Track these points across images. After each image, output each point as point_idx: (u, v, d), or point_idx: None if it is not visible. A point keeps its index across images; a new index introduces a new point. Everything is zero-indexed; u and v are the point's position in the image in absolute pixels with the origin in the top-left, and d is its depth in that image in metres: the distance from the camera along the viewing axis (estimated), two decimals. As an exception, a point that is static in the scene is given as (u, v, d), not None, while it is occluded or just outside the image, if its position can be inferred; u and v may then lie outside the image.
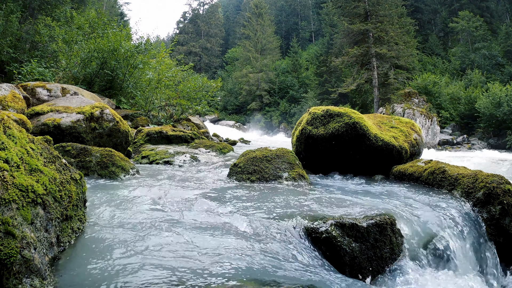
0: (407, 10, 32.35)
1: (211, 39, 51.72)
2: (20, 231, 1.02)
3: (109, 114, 3.69)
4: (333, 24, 34.45)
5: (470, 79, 27.20)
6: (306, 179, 2.81)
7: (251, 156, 2.94)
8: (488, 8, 37.11)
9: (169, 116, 7.93)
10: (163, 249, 1.35)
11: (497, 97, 20.22)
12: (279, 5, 56.10)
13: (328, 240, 1.56)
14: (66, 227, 1.36)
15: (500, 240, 2.04)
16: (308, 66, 39.17)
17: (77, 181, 1.54)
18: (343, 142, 3.21)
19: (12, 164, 1.14)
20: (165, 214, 1.79)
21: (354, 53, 24.40)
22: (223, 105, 39.24)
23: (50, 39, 10.89)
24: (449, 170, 2.57)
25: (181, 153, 4.13)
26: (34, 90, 4.80)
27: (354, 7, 24.99)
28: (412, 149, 3.58)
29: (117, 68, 8.17)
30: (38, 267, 1.05)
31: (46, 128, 3.27)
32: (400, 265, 1.64)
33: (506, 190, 2.12)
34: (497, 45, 31.29)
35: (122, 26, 10.40)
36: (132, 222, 1.65)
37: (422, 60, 32.91)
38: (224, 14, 63.22)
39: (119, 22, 15.58)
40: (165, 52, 9.61)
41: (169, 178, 2.84)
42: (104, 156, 2.79)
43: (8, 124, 1.29)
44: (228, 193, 2.32)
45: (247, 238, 1.54)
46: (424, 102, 23.50)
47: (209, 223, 1.70)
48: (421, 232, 1.83)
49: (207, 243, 1.46)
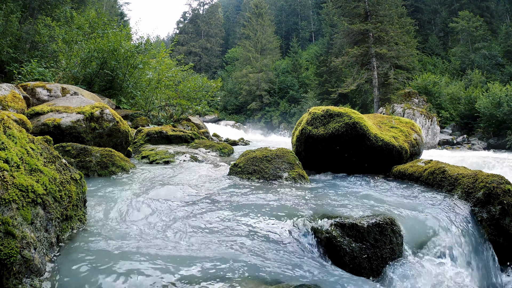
0: (407, 10, 32.37)
1: (211, 39, 51.71)
2: (20, 231, 1.02)
3: (109, 114, 3.69)
4: (333, 24, 34.45)
5: (470, 79, 27.19)
6: (306, 179, 2.81)
7: (251, 156, 2.94)
8: (488, 8, 37.10)
9: (169, 116, 7.93)
10: (163, 249, 1.35)
11: (497, 97, 20.20)
12: (279, 5, 56.10)
13: (328, 240, 1.56)
14: (66, 227, 1.36)
15: (500, 240, 2.04)
16: (308, 66, 39.16)
17: (77, 181, 1.54)
18: (343, 142, 3.21)
19: (12, 164, 1.14)
20: (165, 214, 1.79)
21: (354, 53, 24.40)
22: (223, 105, 39.24)
23: (50, 39, 10.89)
24: (449, 170, 2.57)
25: (181, 153, 4.13)
26: (34, 90, 4.80)
27: (354, 7, 25.00)
28: (412, 149, 3.58)
29: (117, 68, 8.17)
30: (38, 267, 1.05)
31: (46, 128, 3.27)
32: (400, 265, 1.63)
33: (506, 190, 2.12)
34: (497, 45, 31.28)
35: (122, 26, 10.40)
36: (132, 222, 1.65)
37: (422, 60, 32.90)
38: (224, 14, 63.21)
39: (119, 22, 15.58)
40: (165, 52, 9.60)
41: (169, 178, 2.84)
42: (104, 156, 2.79)
43: (8, 124, 1.29)
44: (228, 193, 2.32)
45: (247, 238, 1.54)
46: (424, 102, 23.49)
47: (208, 222, 1.70)
48: (421, 232, 1.83)
49: (207, 243, 1.46)
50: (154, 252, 1.30)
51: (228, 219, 1.76)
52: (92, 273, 1.13)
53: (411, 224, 1.85)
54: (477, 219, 2.10)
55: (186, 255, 1.30)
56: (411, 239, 1.78)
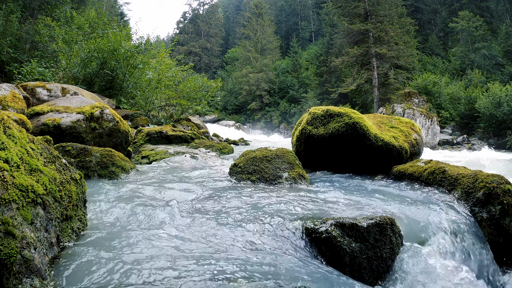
0: (407, 10, 32.32)
1: (211, 39, 51.68)
2: (20, 231, 1.02)
3: (109, 114, 3.69)
4: (333, 24, 34.41)
5: (470, 79, 27.16)
6: (306, 179, 2.81)
7: (251, 156, 2.94)
8: (488, 8, 37.08)
9: (169, 116, 7.93)
10: (163, 249, 1.35)
11: (497, 97, 20.19)
12: (279, 5, 56.06)
13: (328, 240, 1.56)
14: (66, 227, 1.36)
15: (500, 240, 2.04)
16: (308, 66, 39.12)
17: (77, 181, 1.54)
18: (343, 142, 3.21)
19: (12, 164, 1.14)
20: (164, 214, 1.79)
21: (354, 53, 24.38)
22: (223, 105, 39.20)
23: (50, 39, 10.89)
24: (449, 170, 2.57)
25: (181, 153, 4.12)
26: (34, 90, 4.80)
27: (354, 7, 24.97)
28: (412, 149, 3.58)
29: (117, 68, 8.17)
30: (38, 267, 1.05)
31: (46, 128, 3.27)
32: (400, 265, 1.64)
33: (506, 190, 2.12)
34: (497, 45, 31.26)
35: (122, 26, 10.40)
36: (132, 222, 1.65)
37: (422, 60, 32.87)
38: (224, 14, 63.16)
39: (119, 22, 15.58)
40: (165, 52, 9.60)
41: (168, 178, 2.84)
42: (104, 156, 2.79)
43: (8, 124, 1.29)
44: (228, 193, 2.32)
45: (247, 238, 1.54)
46: (424, 102, 23.48)
47: (208, 222, 1.70)
48: (421, 232, 1.84)
49: (207, 243, 1.46)
50: (154, 252, 1.30)
51: (227, 219, 1.76)
52: (92, 273, 1.13)
53: (411, 224, 1.85)
54: (477, 219, 2.10)
55: (184, 255, 1.30)
56: (411, 239, 1.78)
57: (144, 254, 1.28)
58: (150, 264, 1.19)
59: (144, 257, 1.25)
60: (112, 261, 1.21)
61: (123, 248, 1.33)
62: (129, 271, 1.14)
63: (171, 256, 1.28)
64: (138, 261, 1.21)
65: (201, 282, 1.09)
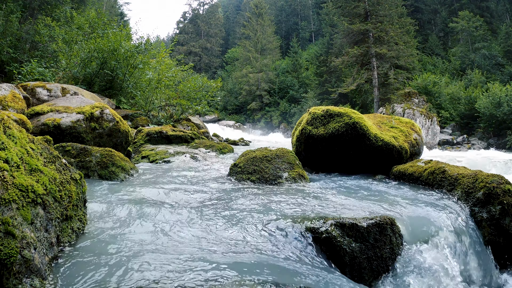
0: (407, 10, 32.32)
1: (211, 39, 51.68)
2: (20, 231, 1.02)
3: (109, 114, 3.69)
4: (333, 24, 34.40)
5: (470, 79, 27.16)
6: (306, 179, 2.81)
7: (251, 156, 2.94)
8: (488, 8, 37.07)
9: (169, 116, 7.93)
10: (162, 249, 1.35)
11: (497, 97, 20.19)
12: (279, 5, 56.06)
13: (328, 240, 1.56)
14: (66, 227, 1.36)
15: (500, 240, 2.04)
16: (308, 66, 39.12)
17: (77, 181, 1.54)
18: (343, 142, 3.21)
19: (12, 164, 1.14)
20: (164, 215, 1.79)
21: (354, 53, 24.38)
22: (223, 105, 39.20)
23: (50, 39, 10.90)
24: (449, 170, 2.57)
25: (181, 153, 4.12)
26: (34, 90, 4.80)
27: (354, 7, 24.97)
28: (412, 149, 3.58)
29: (117, 68, 8.17)
30: (38, 267, 1.05)
31: (46, 128, 3.27)
32: (399, 265, 1.64)
33: (506, 190, 2.12)
34: (497, 45, 31.25)
35: (122, 26, 10.40)
36: (132, 222, 1.65)
37: (422, 60, 32.86)
38: (224, 14, 63.15)
39: (119, 22, 15.59)
40: (165, 52, 9.61)
41: (169, 178, 2.84)
42: (104, 156, 2.79)
43: (8, 124, 1.29)
44: (228, 193, 2.32)
45: (247, 238, 1.54)
46: (424, 102, 23.48)
47: (208, 222, 1.70)
48: (421, 232, 1.83)
49: (206, 242, 1.46)
50: (154, 252, 1.30)
51: (226, 219, 1.76)
52: (92, 273, 1.13)
53: (411, 224, 1.85)
54: (477, 219, 2.10)
55: (184, 255, 1.30)
56: (411, 239, 1.77)
57: (144, 254, 1.28)
58: (150, 264, 1.19)
59: (144, 257, 1.25)
60: (112, 261, 1.21)
61: (123, 248, 1.33)
62: (129, 271, 1.14)
63: (171, 256, 1.28)
64: (138, 261, 1.21)
65: (201, 281, 1.10)
